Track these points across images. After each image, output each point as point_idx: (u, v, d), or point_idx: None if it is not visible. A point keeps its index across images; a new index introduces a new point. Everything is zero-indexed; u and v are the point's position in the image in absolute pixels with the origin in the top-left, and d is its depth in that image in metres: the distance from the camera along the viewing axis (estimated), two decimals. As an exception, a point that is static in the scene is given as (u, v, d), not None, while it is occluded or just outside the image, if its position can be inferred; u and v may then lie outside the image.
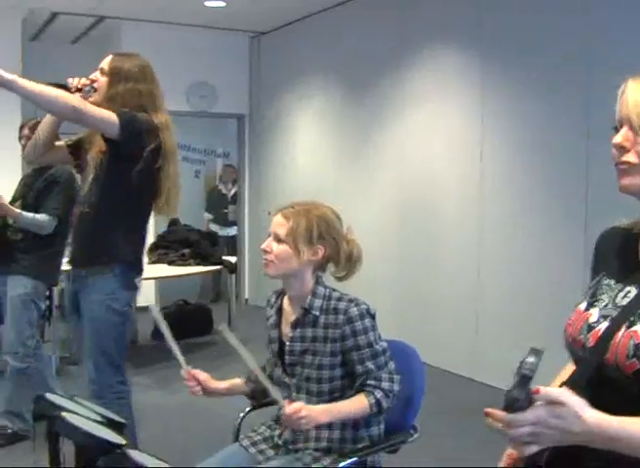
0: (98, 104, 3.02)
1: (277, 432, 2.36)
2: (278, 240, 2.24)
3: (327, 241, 2.25)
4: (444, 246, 5.58)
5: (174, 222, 6.24)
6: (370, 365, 2.19)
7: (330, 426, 2.22)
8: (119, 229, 3.05)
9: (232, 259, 6.61)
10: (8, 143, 7.00)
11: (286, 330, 2.33)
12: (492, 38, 5.12)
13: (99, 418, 2.11)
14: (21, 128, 4.15)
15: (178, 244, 5.96)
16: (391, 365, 2.23)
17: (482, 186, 5.23)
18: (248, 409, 2.56)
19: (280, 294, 2.42)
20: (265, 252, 2.26)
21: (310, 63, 7.20)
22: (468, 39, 5.34)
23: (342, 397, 2.23)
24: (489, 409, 1.29)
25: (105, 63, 3.09)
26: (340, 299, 2.25)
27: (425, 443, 2.38)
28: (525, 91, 4.89)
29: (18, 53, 7.03)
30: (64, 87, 3.01)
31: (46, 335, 5.30)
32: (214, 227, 8.48)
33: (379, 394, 2.17)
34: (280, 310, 2.39)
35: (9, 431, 3.92)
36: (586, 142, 4.41)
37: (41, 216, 3.92)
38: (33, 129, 4.02)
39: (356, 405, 2.17)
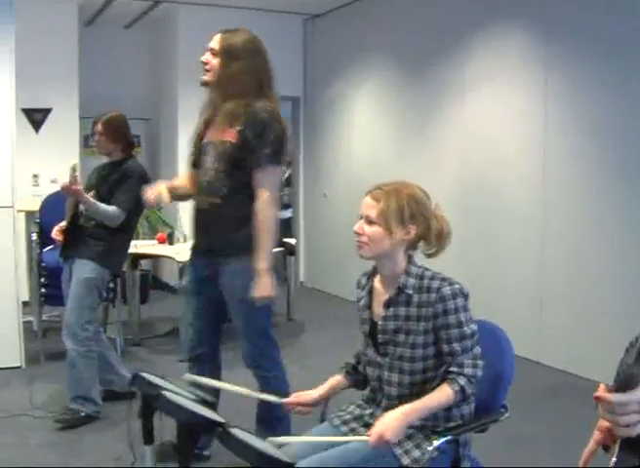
0: (213, 85, 3.05)
1: (368, 411, 2.34)
2: (369, 222, 2.23)
3: (418, 219, 2.23)
4: (507, 229, 5.48)
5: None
6: (456, 346, 2.17)
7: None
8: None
9: (292, 241, 6.60)
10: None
11: (378, 309, 2.31)
12: (555, 19, 4.97)
13: (193, 397, 2.13)
14: (94, 124, 4.14)
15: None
16: (477, 349, 2.19)
17: (545, 169, 5.10)
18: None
19: (371, 275, 2.40)
20: (358, 234, 2.25)
21: (366, 45, 7.10)
22: (531, 20, 5.19)
23: (435, 376, 2.21)
24: (600, 394, 1.22)
25: (215, 43, 3.05)
26: (433, 278, 2.22)
27: (496, 425, 2.35)
28: (590, 73, 4.74)
29: (74, 39, 7.10)
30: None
31: (110, 318, 5.41)
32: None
33: (462, 380, 2.14)
34: (371, 291, 2.37)
35: (81, 414, 3.95)
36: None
37: (111, 208, 3.95)
38: (106, 125, 4.08)
39: (441, 395, 2.14)
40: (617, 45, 4.53)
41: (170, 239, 5.93)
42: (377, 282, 2.37)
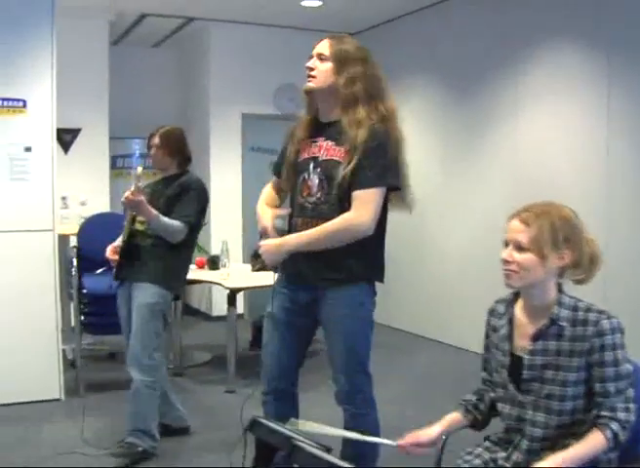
0: (320, 94, 2.76)
1: (501, 454, 2.11)
2: (519, 248, 2.02)
3: (572, 244, 2.02)
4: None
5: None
6: (610, 386, 1.95)
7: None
8: (371, 244, 2.76)
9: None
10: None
11: (522, 342, 2.09)
12: (616, 35, 4.79)
13: (315, 445, 1.88)
14: (151, 136, 3.91)
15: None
16: (630, 392, 1.97)
17: (609, 188, 4.89)
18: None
19: (510, 303, 2.18)
20: (507, 262, 2.04)
21: (405, 64, 6.91)
22: (591, 36, 5.01)
23: (584, 419, 1.98)
24: None
25: (325, 48, 2.75)
26: (588, 310, 1.99)
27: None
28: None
29: (105, 57, 6.92)
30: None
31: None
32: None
33: (615, 426, 1.92)
34: (511, 321, 2.14)
35: (139, 449, 3.66)
36: None
37: (175, 222, 3.68)
38: (164, 138, 3.86)
39: (594, 443, 1.93)
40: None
41: (214, 264, 5.67)
42: (518, 311, 2.14)
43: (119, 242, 3.86)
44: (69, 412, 4.40)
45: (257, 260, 5.25)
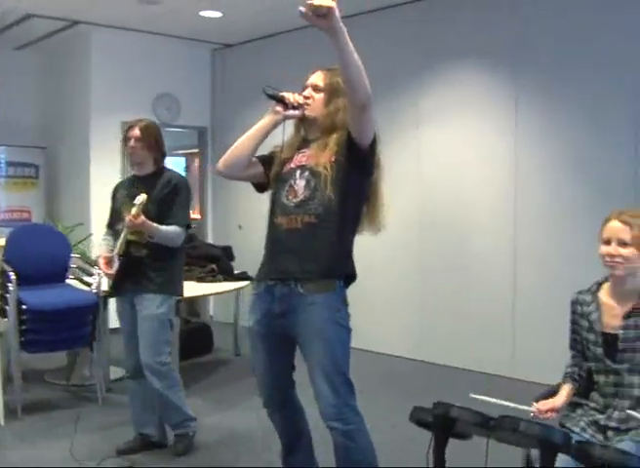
0: (312, 120, 2.97)
1: (601, 416, 2.54)
2: (623, 244, 2.49)
3: None
4: (473, 268, 5.84)
5: (191, 238, 5.92)
6: None
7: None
8: (348, 241, 2.95)
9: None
10: None
11: (613, 321, 2.55)
12: (521, 55, 5.43)
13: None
14: (130, 128, 3.85)
15: (203, 259, 5.70)
16: None
17: (516, 195, 5.52)
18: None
19: (594, 292, 2.63)
20: (612, 255, 2.50)
21: (285, 77, 7.09)
22: (487, 55, 5.62)
23: None
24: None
25: (319, 80, 2.99)
26: None
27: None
28: (559, 104, 5.25)
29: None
30: (282, 101, 2.94)
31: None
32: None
33: None
34: (598, 306, 2.60)
35: (190, 435, 3.99)
36: (630, 152, 4.84)
37: (173, 229, 3.71)
38: (144, 131, 3.82)
39: None
40: (586, 76, 5.05)
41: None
42: (603, 297, 2.60)
43: (107, 253, 3.78)
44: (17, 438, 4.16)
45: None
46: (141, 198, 3.52)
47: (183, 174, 7.85)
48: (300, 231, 2.87)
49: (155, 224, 3.63)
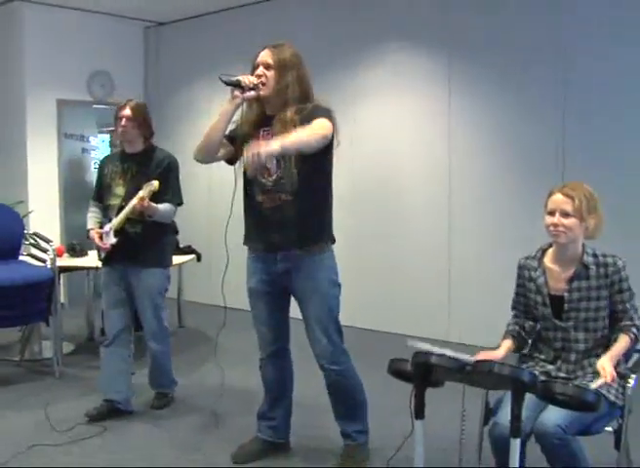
0: (269, 97, 3.20)
1: (552, 367, 2.88)
2: (565, 214, 2.77)
3: (596, 211, 2.82)
4: (409, 235, 6.20)
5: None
6: (627, 305, 2.85)
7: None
8: (327, 210, 3.32)
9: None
10: None
11: (558, 285, 2.87)
12: (457, 37, 5.76)
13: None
14: (121, 107, 4.03)
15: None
16: (637, 306, 2.89)
17: (450, 176, 5.90)
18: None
19: (539, 258, 2.93)
20: (556, 225, 2.78)
21: (220, 57, 7.24)
22: (424, 38, 5.94)
23: (608, 335, 2.86)
24: None
25: (268, 57, 3.20)
26: (604, 256, 2.85)
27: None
28: (491, 87, 5.65)
29: None
30: (239, 85, 3.15)
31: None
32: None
33: (634, 329, 2.83)
34: (544, 270, 2.91)
35: (170, 396, 4.40)
36: (554, 132, 5.30)
37: (169, 207, 4.01)
38: (135, 110, 4.01)
39: (624, 344, 2.81)
40: (518, 60, 5.46)
41: (74, 251, 5.66)
42: (548, 262, 2.92)
43: (97, 228, 4.08)
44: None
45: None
46: (153, 185, 3.80)
47: (108, 150, 7.86)
48: (281, 208, 3.21)
49: (155, 205, 3.88)
